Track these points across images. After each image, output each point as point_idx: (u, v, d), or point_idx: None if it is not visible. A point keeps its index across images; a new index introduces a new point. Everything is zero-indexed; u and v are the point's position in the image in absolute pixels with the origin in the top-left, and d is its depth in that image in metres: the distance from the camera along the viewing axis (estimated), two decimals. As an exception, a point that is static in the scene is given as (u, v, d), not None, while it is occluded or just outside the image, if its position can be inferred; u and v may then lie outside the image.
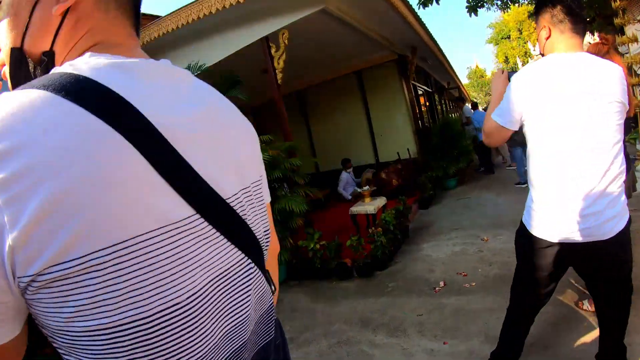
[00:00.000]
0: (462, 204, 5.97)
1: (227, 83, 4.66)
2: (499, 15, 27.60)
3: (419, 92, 9.72)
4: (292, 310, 3.46)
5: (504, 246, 3.80)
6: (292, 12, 4.30)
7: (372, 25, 5.82)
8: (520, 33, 27.25)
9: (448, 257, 3.88)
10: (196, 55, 4.94)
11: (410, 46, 7.75)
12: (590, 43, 1.94)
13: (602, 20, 5.27)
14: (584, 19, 1.40)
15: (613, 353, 1.63)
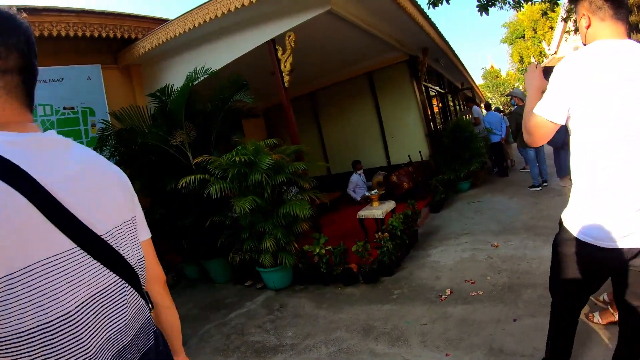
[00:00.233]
0: (474, 208, 5.83)
1: (233, 87, 4.67)
2: (513, 15, 27.10)
3: (431, 93, 9.58)
4: (295, 315, 3.42)
5: (515, 253, 3.68)
6: (298, 14, 4.28)
7: (380, 26, 5.75)
8: (535, 32, 26.58)
9: (456, 264, 3.78)
10: (203, 58, 4.96)
11: (421, 47, 7.65)
12: None
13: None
14: (624, 4, 1.32)
15: None
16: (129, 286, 0.78)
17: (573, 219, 1.45)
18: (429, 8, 5.36)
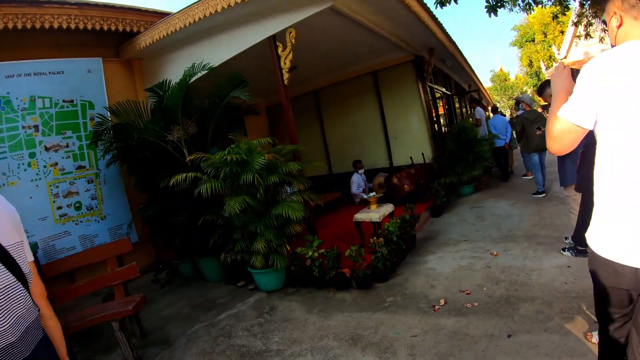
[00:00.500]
0: (475, 213, 5.70)
1: (231, 84, 4.59)
2: (524, 18, 26.62)
3: (437, 94, 9.41)
4: (284, 320, 3.34)
5: (514, 263, 3.56)
6: (299, 10, 4.18)
7: (385, 25, 5.63)
8: (545, 36, 26.10)
9: (453, 272, 3.66)
10: (203, 54, 4.89)
11: (427, 47, 7.50)
12: None
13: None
14: None
15: None
16: (23, 288, 1.18)
17: (593, 234, 1.33)
18: (436, 7, 5.23)
